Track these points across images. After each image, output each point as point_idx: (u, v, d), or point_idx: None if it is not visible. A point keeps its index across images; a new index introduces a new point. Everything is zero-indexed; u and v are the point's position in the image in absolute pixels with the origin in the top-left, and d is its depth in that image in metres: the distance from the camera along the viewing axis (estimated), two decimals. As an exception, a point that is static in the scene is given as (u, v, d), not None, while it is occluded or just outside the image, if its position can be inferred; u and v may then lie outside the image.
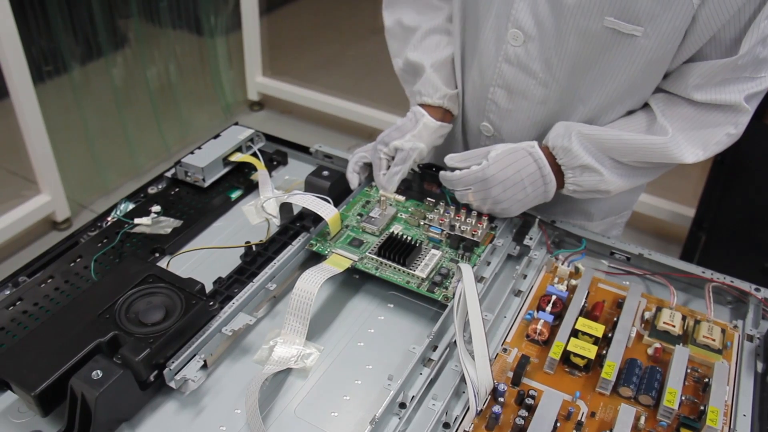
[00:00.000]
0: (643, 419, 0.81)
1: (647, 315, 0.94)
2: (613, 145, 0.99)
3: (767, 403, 0.85)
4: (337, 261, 0.97)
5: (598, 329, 0.89)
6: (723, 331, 0.92)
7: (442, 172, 1.05)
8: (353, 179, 1.11)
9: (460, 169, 1.02)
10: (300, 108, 3.36)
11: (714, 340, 0.90)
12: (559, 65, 0.98)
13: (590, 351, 0.86)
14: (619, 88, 0.98)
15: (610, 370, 0.83)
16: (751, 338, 0.94)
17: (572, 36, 0.94)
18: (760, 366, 0.90)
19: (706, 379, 0.85)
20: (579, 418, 0.80)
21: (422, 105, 1.12)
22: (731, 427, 0.81)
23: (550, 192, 1.02)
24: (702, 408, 0.81)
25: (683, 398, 0.83)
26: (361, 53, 3.98)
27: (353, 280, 1.01)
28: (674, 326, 0.91)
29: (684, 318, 0.93)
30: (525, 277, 1.01)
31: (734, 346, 0.92)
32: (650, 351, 0.90)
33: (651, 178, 1.08)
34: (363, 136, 3.21)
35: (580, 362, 0.86)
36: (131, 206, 1.15)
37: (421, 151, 1.06)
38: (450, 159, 1.05)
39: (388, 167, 1.07)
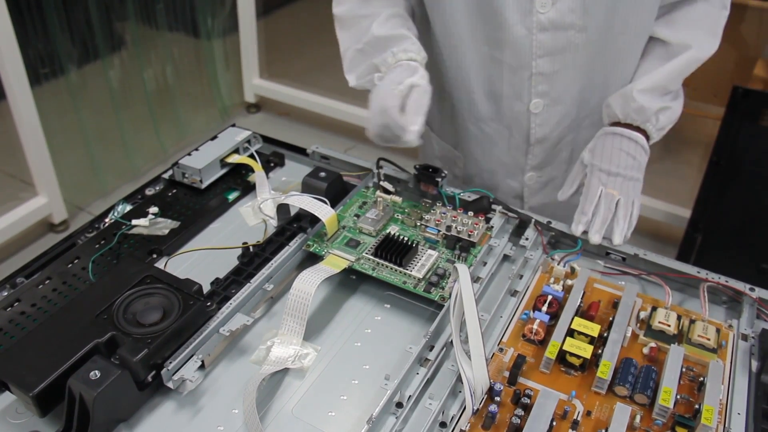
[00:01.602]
0: (638, 418, 0.81)
1: (642, 315, 0.94)
2: (665, 81, 1.09)
3: (761, 401, 0.86)
4: (334, 262, 0.98)
5: (593, 329, 0.89)
6: (718, 330, 0.92)
7: (592, 236, 1.05)
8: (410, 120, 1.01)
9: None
10: (297, 110, 3.37)
11: (709, 340, 0.90)
12: (593, 3, 1.02)
13: (586, 350, 0.87)
14: (650, 12, 1.08)
15: (605, 370, 0.84)
16: (745, 337, 0.94)
17: None
18: (754, 365, 0.90)
19: (701, 378, 0.86)
20: (575, 417, 0.81)
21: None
22: (726, 425, 0.81)
23: (647, 146, 1.11)
24: (697, 407, 0.81)
25: (678, 397, 0.83)
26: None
27: (350, 281, 1.02)
28: (669, 326, 0.91)
29: (679, 318, 0.93)
30: (521, 277, 1.01)
31: (729, 345, 0.93)
32: (646, 350, 0.90)
33: None
34: (360, 138, 3.20)
35: (576, 362, 0.87)
36: (129, 208, 1.15)
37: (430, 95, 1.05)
38: (560, 195, 1.15)
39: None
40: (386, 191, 1.13)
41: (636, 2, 1.04)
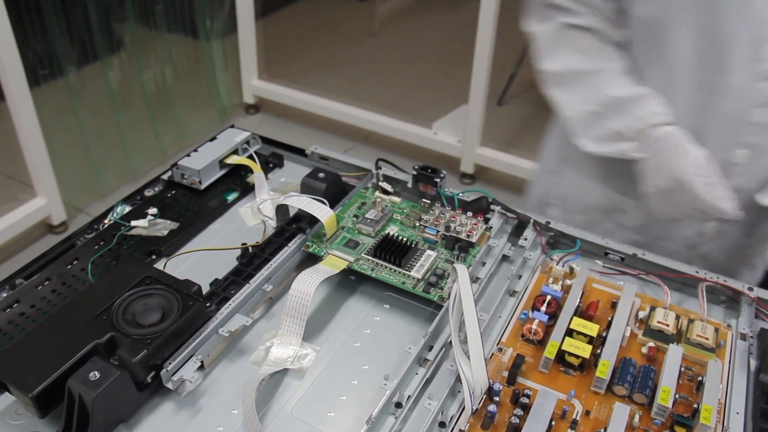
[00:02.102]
0: (637, 417, 0.81)
1: (641, 314, 0.94)
2: None
3: (760, 400, 0.86)
4: (333, 262, 0.98)
5: (592, 329, 0.89)
6: (716, 330, 0.93)
7: None
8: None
9: None
10: (296, 111, 3.37)
11: (707, 339, 0.90)
12: None
13: (585, 350, 0.87)
14: None
15: (604, 369, 0.84)
16: (744, 337, 0.94)
17: None
18: (753, 364, 0.90)
19: (700, 378, 0.86)
20: (574, 417, 0.81)
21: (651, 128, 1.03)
22: (724, 424, 0.81)
23: None
24: (696, 406, 0.81)
25: (677, 396, 0.83)
26: (356, 56, 4.00)
27: (349, 281, 1.02)
28: (668, 325, 0.91)
29: (678, 317, 0.93)
30: (520, 277, 1.01)
31: (727, 344, 0.93)
32: (644, 350, 0.90)
33: None
34: (359, 138, 3.22)
35: (575, 361, 0.87)
36: (128, 209, 1.15)
37: None
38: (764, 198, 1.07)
39: None
40: (385, 192, 1.13)
41: None
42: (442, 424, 0.81)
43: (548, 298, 0.94)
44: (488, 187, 2.89)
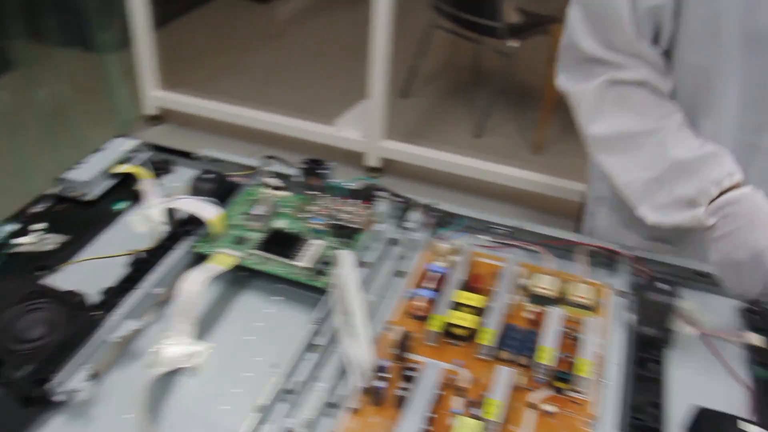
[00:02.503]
0: (520, 378, 0.85)
1: (524, 282, 0.98)
2: None
3: (636, 350, 0.91)
4: (222, 260, 0.98)
5: (477, 300, 0.93)
6: (595, 289, 0.97)
7: None
8: None
9: None
10: (201, 119, 3.33)
11: (587, 299, 0.95)
12: None
13: (471, 321, 0.90)
14: None
15: (488, 337, 0.87)
16: (622, 294, 0.99)
17: None
18: (630, 318, 0.95)
19: (579, 335, 0.90)
20: (461, 385, 0.84)
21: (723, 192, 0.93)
22: (601, 375, 0.86)
23: None
24: (574, 361, 0.86)
25: (558, 355, 0.87)
26: (260, 60, 3.98)
27: (241, 278, 1.02)
28: (549, 290, 0.96)
29: (559, 281, 0.98)
30: (407, 258, 1.04)
31: (606, 302, 0.98)
32: (528, 315, 0.94)
33: None
34: (267, 142, 3.20)
35: (462, 332, 0.90)
36: (13, 227, 1.13)
37: None
38: None
39: None
40: (273, 187, 1.14)
41: None
42: (333, 405, 0.83)
43: (434, 274, 0.96)
44: (396, 180, 2.94)
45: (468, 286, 0.97)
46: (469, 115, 3.42)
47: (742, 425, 0.79)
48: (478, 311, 0.92)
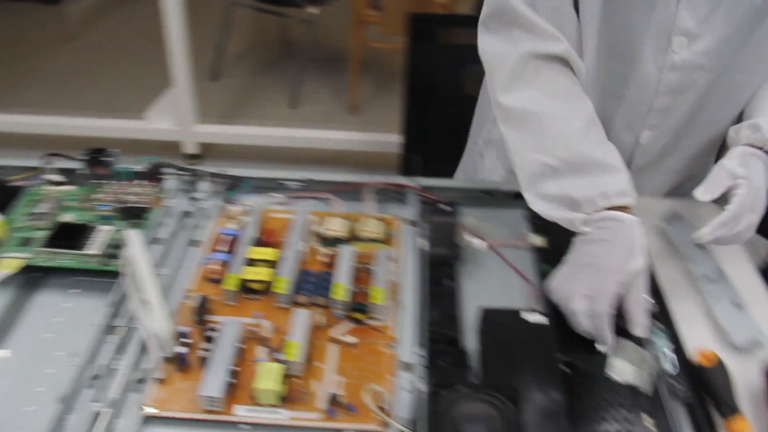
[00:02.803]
0: (319, 317, 0.88)
1: (317, 229, 1.01)
2: None
3: (429, 271, 0.96)
4: (7, 264, 0.95)
5: (271, 254, 0.95)
6: (385, 223, 1.02)
7: (708, 228, 0.94)
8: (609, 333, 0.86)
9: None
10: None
11: (377, 233, 1.00)
12: (725, 47, 0.97)
13: (266, 274, 0.92)
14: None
15: (283, 285, 0.90)
16: (413, 223, 1.05)
17: (735, 13, 0.94)
18: (422, 243, 1.01)
19: (372, 267, 0.95)
20: (263, 335, 0.86)
21: (610, 207, 0.91)
22: (399, 300, 0.92)
23: None
24: (368, 291, 0.90)
25: (353, 289, 0.91)
26: (58, 64, 3.78)
27: (34, 278, 0.99)
28: (340, 231, 1.00)
29: (350, 222, 1.02)
30: (201, 227, 1.05)
31: (397, 233, 1.03)
32: (323, 259, 0.98)
33: None
34: (78, 147, 3.06)
35: (258, 286, 0.92)
36: None
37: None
38: (701, 194, 0.96)
39: None
40: (56, 183, 1.11)
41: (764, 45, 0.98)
42: (141, 381, 0.83)
43: (226, 237, 0.98)
44: (218, 162, 2.91)
45: (261, 242, 0.99)
46: (283, 87, 3.42)
47: (524, 314, 0.87)
48: (273, 264, 0.95)
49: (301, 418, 0.78)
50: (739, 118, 1.07)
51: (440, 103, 2.33)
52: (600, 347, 0.86)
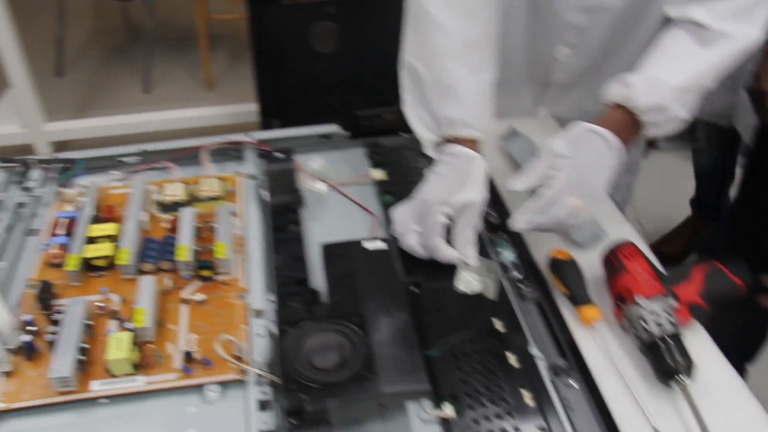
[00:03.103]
0: (167, 281, 0.88)
1: (157, 197, 1.01)
2: (707, 76, 0.93)
3: (272, 219, 0.98)
4: None
5: (110, 229, 0.94)
6: (224, 181, 1.02)
7: (523, 213, 0.89)
8: (447, 250, 0.89)
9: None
10: None
11: (216, 192, 1.00)
12: None
13: (107, 250, 0.91)
14: None
15: (125, 256, 0.89)
16: (252, 177, 1.06)
17: None
18: (264, 194, 1.02)
19: (215, 224, 0.95)
20: (112, 308, 0.86)
21: (455, 138, 0.94)
22: (244, 252, 0.93)
23: (623, 155, 0.92)
24: (214, 248, 0.91)
25: (196, 248, 0.91)
26: None
27: None
28: (179, 195, 0.99)
29: (188, 186, 1.01)
30: (38, 215, 1.02)
31: (238, 189, 1.04)
32: (165, 225, 0.97)
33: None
34: None
35: (102, 263, 0.91)
36: None
37: (486, 202, 0.93)
38: (515, 184, 0.92)
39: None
40: None
41: None
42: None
43: (63, 220, 0.96)
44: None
45: (101, 220, 0.98)
46: (134, 73, 3.31)
47: (365, 244, 0.89)
48: (115, 238, 0.93)
49: (158, 381, 0.78)
50: None
51: (290, 63, 2.32)
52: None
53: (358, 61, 2.30)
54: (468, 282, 0.90)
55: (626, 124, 0.91)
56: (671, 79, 0.90)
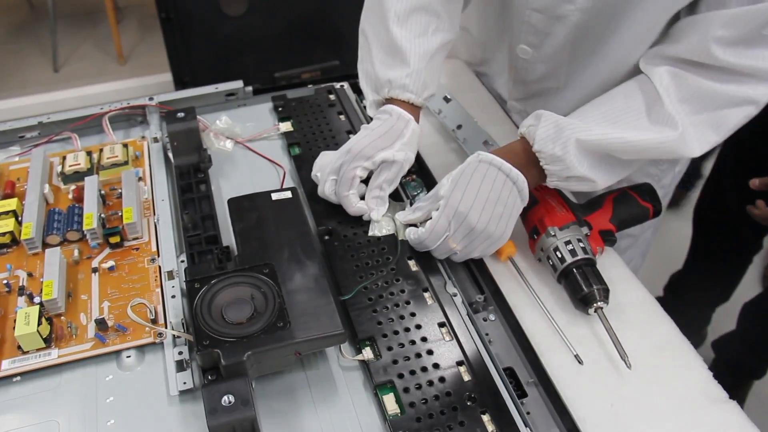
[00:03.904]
0: (76, 252, 0.86)
1: (60, 169, 0.97)
2: (616, 148, 0.85)
3: (179, 180, 0.96)
4: None
5: (10, 204, 0.91)
6: (127, 147, 1.00)
7: (408, 235, 0.88)
8: (357, 203, 0.91)
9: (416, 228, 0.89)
10: None
11: (117, 157, 0.97)
12: None
13: (9, 225, 0.88)
14: (652, 27, 0.89)
15: (28, 231, 0.87)
16: (157, 140, 1.03)
17: None
18: (169, 156, 1.00)
19: (120, 190, 0.93)
20: (20, 284, 0.83)
21: (393, 99, 0.95)
22: (156, 214, 0.91)
23: (525, 193, 0.86)
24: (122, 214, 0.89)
25: (103, 215, 0.89)
26: None
27: None
28: (80, 164, 0.96)
29: (90, 153, 0.99)
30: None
31: (144, 152, 1.01)
32: (70, 196, 0.95)
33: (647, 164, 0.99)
34: None
35: (6, 239, 0.88)
36: None
37: (411, 163, 0.93)
38: (401, 216, 0.92)
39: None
40: None
41: (636, 12, 0.88)
42: None
43: (-41, 200, 0.92)
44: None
45: (2, 196, 0.94)
46: (41, 51, 3.19)
47: (274, 195, 0.88)
48: (16, 214, 0.90)
49: (72, 353, 0.77)
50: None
51: (201, 29, 2.27)
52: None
53: (271, 21, 2.27)
54: (379, 226, 0.91)
55: (527, 158, 0.88)
56: (581, 132, 0.84)
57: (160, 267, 0.85)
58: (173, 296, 0.81)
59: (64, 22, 3.26)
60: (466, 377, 0.75)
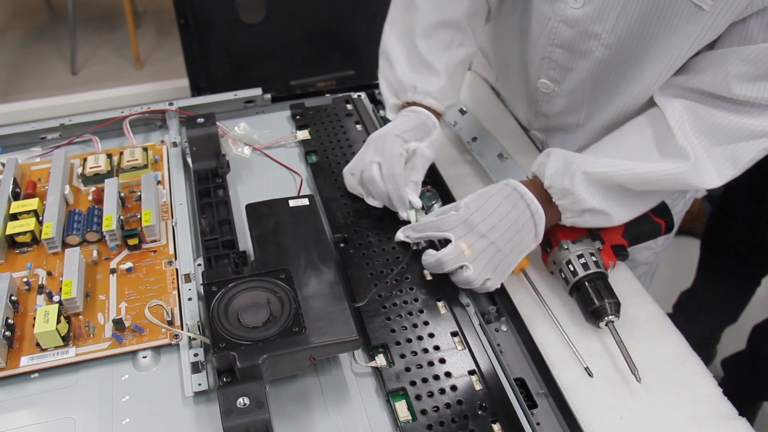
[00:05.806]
0: (95, 253, 0.87)
1: (80, 170, 0.99)
2: (625, 180, 0.84)
3: (197, 185, 0.97)
4: None
5: (32, 204, 0.92)
6: (147, 151, 1.01)
7: (424, 259, 0.87)
8: (403, 189, 0.93)
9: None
10: None
11: (139, 161, 0.99)
12: (623, 27, 0.87)
13: (30, 225, 0.89)
14: (673, 64, 0.86)
15: (49, 230, 0.88)
16: (176, 144, 1.05)
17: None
18: (188, 160, 1.01)
19: (141, 193, 0.94)
20: (40, 283, 0.84)
21: (415, 104, 0.99)
22: (174, 217, 0.93)
23: (540, 232, 0.87)
24: (140, 216, 0.90)
25: (122, 218, 0.91)
26: None
27: None
28: (101, 167, 0.98)
29: (110, 156, 1.00)
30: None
31: (162, 157, 1.03)
32: (89, 197, 0.96)
33: (666, 197, 0.96)
34: None
35: (25, 238, 0.89)
36: None
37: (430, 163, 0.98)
38: (404, 232, 0.91)
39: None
40: None
41: (662, 50, 0.86)
42: None
43: (-19, 199, 0.94)
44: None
45: (23, 196, 0.96)
46: (60, 54, 3.23)
47: (292, 202, 0.89)
48: (37, 213, 0.92)
49: (90, 351, 0.78)
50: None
51: (218, 36, 2.29)
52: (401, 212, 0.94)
53: (287, 30, 2.28)
54: (413, 214, 0.93)
55: (546, 196, 0.88)
56: (588, 165, 0.85)
57: (177, 270, 0.86)
58: (189, 299, 0.82)
59: (83, 26, 3.30)
60: (478, 386, 0.75)
